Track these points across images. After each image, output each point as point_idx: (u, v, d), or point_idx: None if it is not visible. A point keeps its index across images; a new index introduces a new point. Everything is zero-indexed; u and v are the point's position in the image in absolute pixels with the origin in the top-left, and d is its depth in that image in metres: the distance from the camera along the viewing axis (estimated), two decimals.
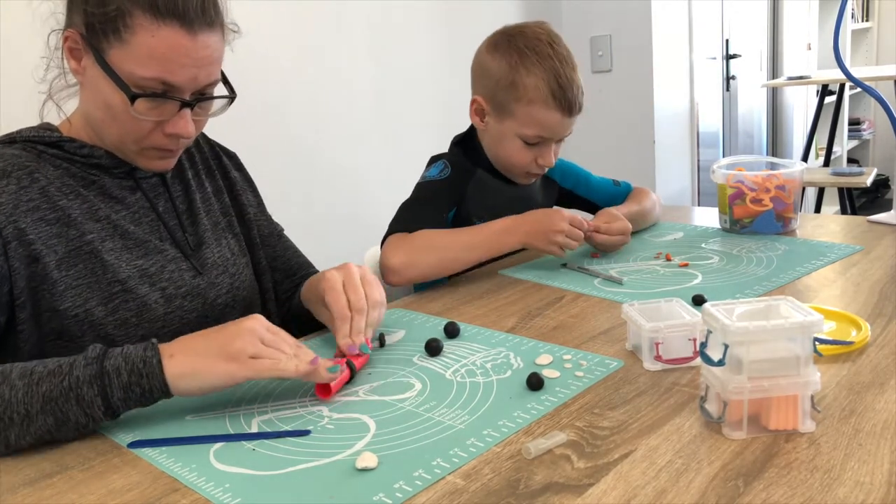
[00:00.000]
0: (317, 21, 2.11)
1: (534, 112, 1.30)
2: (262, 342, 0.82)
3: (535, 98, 1.29)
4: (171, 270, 1.02)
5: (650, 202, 1.53)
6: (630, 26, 2.84)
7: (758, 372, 0.70)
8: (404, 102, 2.39)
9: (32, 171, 0.95)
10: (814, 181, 3.46)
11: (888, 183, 5.09)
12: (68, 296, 0.94)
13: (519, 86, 1.29)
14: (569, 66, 1.30)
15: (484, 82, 1.35)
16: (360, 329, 0.94)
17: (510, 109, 1.31)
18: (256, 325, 0.84)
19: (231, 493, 0.67)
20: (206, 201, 1.13)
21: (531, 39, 1.30)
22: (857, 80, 1.47)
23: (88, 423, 0.78)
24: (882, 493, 0.60)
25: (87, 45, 0.93)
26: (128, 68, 0.91)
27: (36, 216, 0.93)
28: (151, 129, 0.96)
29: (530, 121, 1.31)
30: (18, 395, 0.76)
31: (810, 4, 4.64)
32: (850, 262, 1.21)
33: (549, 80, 1.28)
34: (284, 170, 2.05)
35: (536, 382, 0.83)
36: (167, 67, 0.91)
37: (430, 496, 0.64)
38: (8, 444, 0.77)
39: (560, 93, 1.28)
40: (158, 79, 0.91)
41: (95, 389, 0.77)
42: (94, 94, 0.96)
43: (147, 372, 0.78)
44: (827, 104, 4.00)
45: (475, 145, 1.43)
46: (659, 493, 0.62)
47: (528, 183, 1.43)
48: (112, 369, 0.78)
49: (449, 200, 1.37)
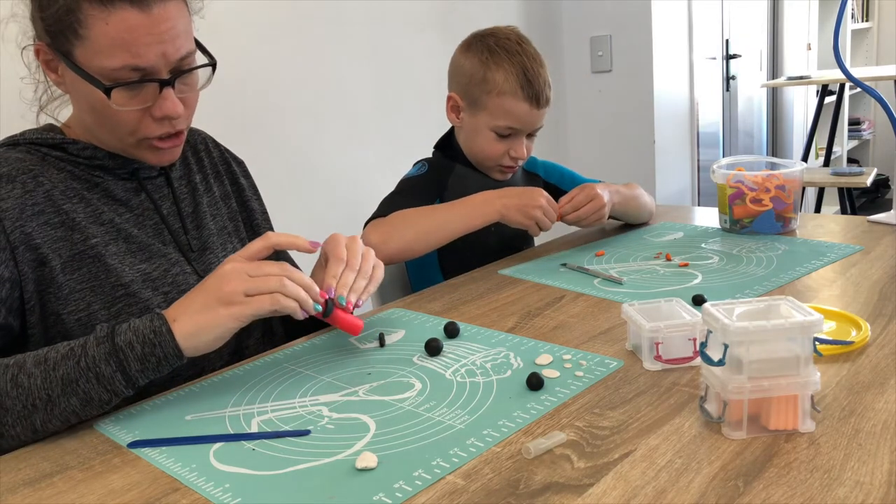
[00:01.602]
0: (317, 22, 2.11)
1: (504, 103, 1.38)
2: (249, 277, 0.85)
3: (504, 89, 1.37)
4: (174, 274, 1.02)
5: (639, 190, 1.55)
6: (630, 26, 2.84)
7: (758, 372, 0.70)
8: (404, 103, 2.39)
9: (37, 174, 0.94)
10: (814, 181, 3.46)
11: (888, 183, 5.09)
12: (72, 300, 0.94)
13: (489, 80, 1.38)
14: (536, 62, 1.39)
15: (458, 79, 1.44)
16: (347, 282, 0.95)
17: (482, 103, 1.40)
18: (236, 264, 0.86)
19: (231, 493, 0.67)
20: (213, 205, 1.13)
21: (501, 39, 1.41)
22: (857, 80, 1.47)
23: (111, 398, 0.81)
24: (882, 493, 0.60)
25: (55, 53, 0.92)
26: (96, 63, 0.90)
27: (41, 220, 0.93)
28: (140, 118, 0.94)
29: (501, 112, 1.38)
30: (37, 382, 0.79)
31: (810, 4, 4.64)
32: (850, 262, 1.21)
33: (518, 73, 1.37)
34: (283, 171, 2.05)
35: (536, 382, 0.83)
36: (131, 51, 0.89)
37: (430, 496, 0.64)
38: (35, 429, 0.79)
39: (527, 84, 1.37)
40: (128, 66, 0.89)
41: (113, 366, 0.80)
42: (78, 99, 0.96)
43: (159, 341, 0.82)
44: (827, 104, 4.00)
45: (453, 144, 1.50)
46: (659, 493, 0.62)
47: (503, 178, 1.48)
48: (125, 344, 0.81)
49: (428, 194, 1.43)
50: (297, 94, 2.08)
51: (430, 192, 1.44)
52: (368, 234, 1.31)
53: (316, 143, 2.15)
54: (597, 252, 1.37)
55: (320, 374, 0.93)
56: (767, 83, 4.12)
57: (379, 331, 1.03)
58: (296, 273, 0.88)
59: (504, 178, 1.48)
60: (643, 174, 2.88)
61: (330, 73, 2.16)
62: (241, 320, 0.84)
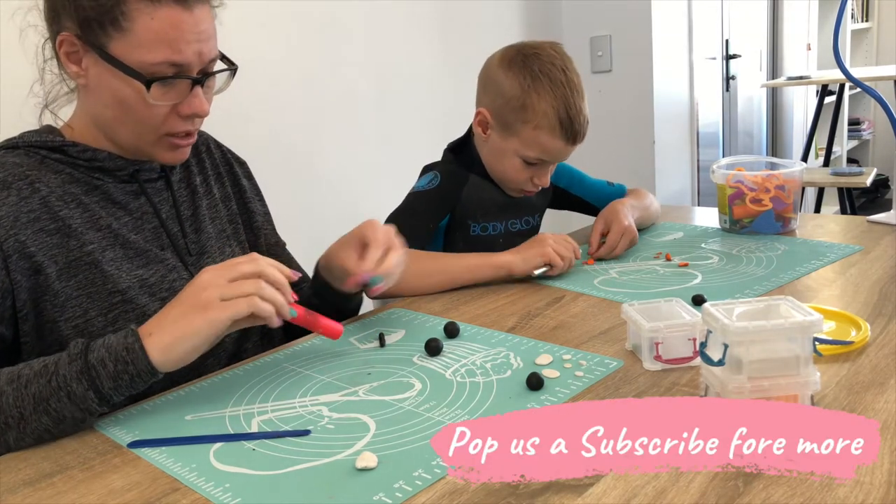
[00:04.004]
0: (317, 21, 2.11)
1: (540, 137, 1.31)
2: (226, 283, 0.84)
3: (542, 124, 1.30)
4: (171, 280, 1.01)
5: (648, 199, 1.54)
6: (630, 26, 2.84)
7: (757, 372, 0.70)
8: (404, 104, 2.39)
9: (33, 180, 0.94)
10: (813, 181, 3.46)
11: (888, 183, 5.09)
12: (69, 306, 0.93)
13: (528, 109, 1.30)
14: (578, 94, 1.31)
15: (493, 97, 1.35)
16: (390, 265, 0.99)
17: (516, 129, 1.32)
18: (212, 272, 0.85)
19: (231, 493, 0.67)
20: (212, 207, 1.13)
21: (545, 64, 1.31)
22: (857, 80, 1.48)
23: (85, 417, 0.80)
24: (882, 493, 0.60)
25: (85, 45, 0.92)
26: (135, 57, 0.90)
27: (36, 227, 0.92)
28: (167, 114, 0.95)
29: (535, 144, 1.32)
30: (9, 400, 0.78)
31: (810, 4, 4.63)
32: (850, 262, 1.21)
33: (559, 109, 1.29)
34: (284, 173, 2.05)
35: (536, 382, 0.83)
36: (173, 47, 0.91)
37: (430, 496, 0.64)
38: (9, 447, 0.79)
39: (568, 123, 1.29)
40: (167, 61, 0.91)
41: (85, 384, 0.79)
42: (101, 93, 0.95)
43: (131, 358, 0.80)
44: (827, 104, 4.00)
45: (470, 151, 1.43)
46: (659, 493, 0.62)
47: (518, 196, 1.43)
48: (97, 362, 0.80)
49: (439, 210, 1.38)
50: (297, 94, 2.08)
51: (442, 208, 1.38)
52: None
53: (316, 143, 2.15)
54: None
55: (320, 374, 0.93)
56: (767, 83, 4.12)
57: (379, 331, 1.03)
58: (273, 275, 0.86)
59: (518, 196, 1.43)
60: (643, 174, 2.88)
61: (330, 73, 2.16)
62: (217, 326, 0.82)
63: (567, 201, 1.57)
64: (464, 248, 1.39)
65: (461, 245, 1.39)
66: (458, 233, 1.39)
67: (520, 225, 1.46)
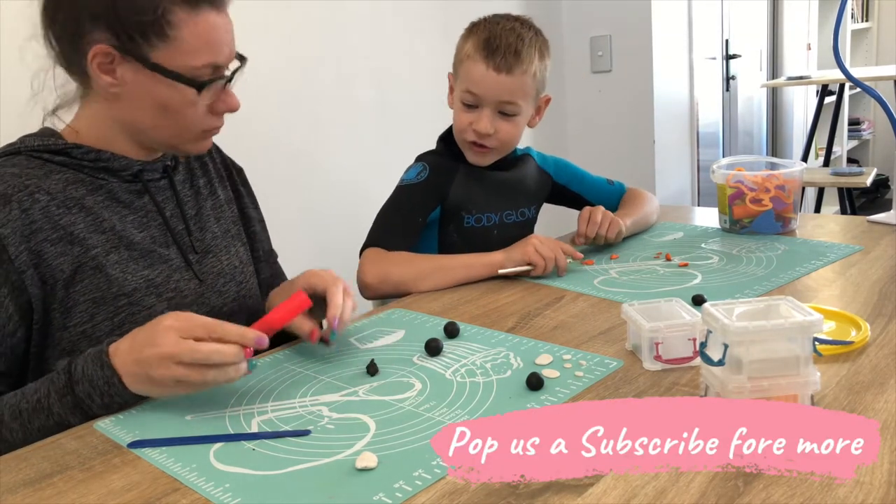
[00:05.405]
0: (317, 21, 2.11)
1: (466, 67, 1.33)
2: (182, 358, 0.80)
3: (469, 53, 1.32)
4: (176, 280, 1.02)
5: (646, 207, 1.53)
6: (630, 26, 2.84)
7: (757, 372, 0.70)
8: (404, 103, 2.39)
9: (33, 190, 0.93)
10: (813, 181, 3.46)
11: (888, 183, 5.09)
12: (76, 312, 0.94)
13: (461, 48, 1.35)
14: (513, 33, 1.30)
15: (453, 62, 1.39)
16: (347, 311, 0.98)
17: (457, 73, 1.37)
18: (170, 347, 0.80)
19: (231, 493, 0.67)
20: (217, 208, 1.13)
21: (493, 15, 1.35)
22: (857, 80, 1.48)
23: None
24: (882, 493, 0.60)
25: (123, 56, 0.93)
26: (179, 63, 0.94)
27: (40, 237, 0.92)
28: (206, 112, 0.99)
29: (466, 77, 1.33)
30: (19, 436, 0.83)
31: (810, 4, 4.63)
32: (850, 262, 1.21)
33: (483, 37, 1.30)
34: (284, 173, 2.05)
35: (536, 382, 0.83)
36: (215, 50, 0.95)
37: (430, 496, 0.64)
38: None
39: (487, 45, 1.29)
40: (209, 63, 0.95)
41: (79, 417, 0.84)
42: (140, 100, 0.96)
43: (114, 392, 0.84)
44: (827, 104, 4.00)
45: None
46: (659, 493, 0.62)
47: (478, 161, 1.39)
48: (84, 395, 0.84)
49: (427, 203, 1.37)
50: (297, 95, 2.08)
51: (431, 201, 1.37)
52: (366, 269, 1.27)
53: (316, 143, 2.15)
54: (611, 255, 1.36)
55: (320, 374, 0.93)
56: (767, 83, 4.11)
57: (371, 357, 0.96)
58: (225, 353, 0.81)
59: (479, 162, 1.38)
60: (643, 174, 2.88)
61: (330, 73, 2.16)
62: (182, 393, 0.84)
63: (566, 197, 1.57)
64: (458, 240, 1.39)
65: (456, 237, 1.39)
66: (452, 225, 1.39)
67: (515, 216, 1.45)
